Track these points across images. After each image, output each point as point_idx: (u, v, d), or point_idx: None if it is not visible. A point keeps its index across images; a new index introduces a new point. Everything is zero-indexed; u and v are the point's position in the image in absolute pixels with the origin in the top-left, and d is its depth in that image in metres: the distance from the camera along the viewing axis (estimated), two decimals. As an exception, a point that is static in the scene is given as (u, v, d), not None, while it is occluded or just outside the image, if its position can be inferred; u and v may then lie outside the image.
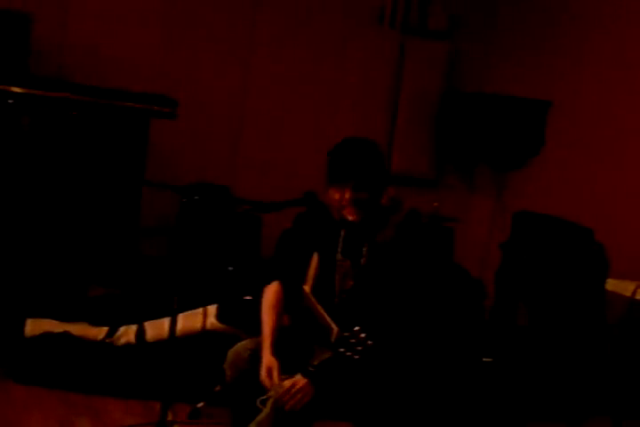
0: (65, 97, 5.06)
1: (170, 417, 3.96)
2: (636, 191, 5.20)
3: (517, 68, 6.23)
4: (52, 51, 5.63)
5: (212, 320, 4.70)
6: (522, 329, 5.21)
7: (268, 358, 3.35)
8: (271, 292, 3.55)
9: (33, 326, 4.75)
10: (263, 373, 3.32)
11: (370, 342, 3.11)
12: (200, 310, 4.78)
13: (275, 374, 3.30)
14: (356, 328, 3.14)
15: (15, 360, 4.70)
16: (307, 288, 3.45)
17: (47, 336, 4.69)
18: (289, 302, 3.52)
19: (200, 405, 4.44)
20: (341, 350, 3.15)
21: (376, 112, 6.50)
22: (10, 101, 4.96)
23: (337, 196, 3.34)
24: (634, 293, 4.26)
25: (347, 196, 3.32)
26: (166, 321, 4.54)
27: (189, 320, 4.73)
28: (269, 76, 6.28)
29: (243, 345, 3.49)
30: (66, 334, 4.70)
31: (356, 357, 3.12)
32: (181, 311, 4.65)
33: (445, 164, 6.67)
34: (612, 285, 4.58)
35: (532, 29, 6.16)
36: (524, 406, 4.74)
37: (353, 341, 3.14)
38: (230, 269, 4.69)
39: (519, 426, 4.69)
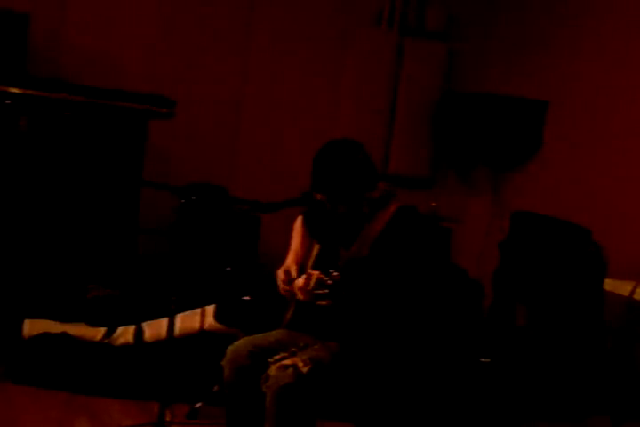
0: (63, 97, 5.05)
1: (168, 417, 3.97)
2: (635, 191, 5.20)
3: (515, 68, 6.23)
4: (49, 51, 5.63)
5: (210, 320, 4.70)
6: (520, 329, 5.21)
7: (288, 263, 3.54)
8: (299, 219, 3.71)
9: (31, 327, 4.75)
10: (281, 270, 3.52)
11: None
12: (198, 310, 4.78)
13: (292, 271, 3.47)
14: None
15: (13, 361, 4.70)
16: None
17: (45, 337, 4.69)
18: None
19: (198, 405, 4.44)
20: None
21: (374, 112, 6.49)
22: (7, 102, 4.96)
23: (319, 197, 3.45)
24: (631, 293, 4.26)
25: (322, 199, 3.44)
26: (164, 321, 4.53)
27: (187, 320, 4.74)
28: (268, 77, 6.28)
29: (242, 342, 3.50)
30: (64, 335, 4.70)
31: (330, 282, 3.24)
32: (179, 312, 4.65)
33: (443, 164, 6.67)
34: (609, 285, 4.58)
35: (530, 29, 6.16)
36: (521, 406, 4.74)
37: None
38: (228, 269, 4.69)
39: (516, 426, 4.70)
